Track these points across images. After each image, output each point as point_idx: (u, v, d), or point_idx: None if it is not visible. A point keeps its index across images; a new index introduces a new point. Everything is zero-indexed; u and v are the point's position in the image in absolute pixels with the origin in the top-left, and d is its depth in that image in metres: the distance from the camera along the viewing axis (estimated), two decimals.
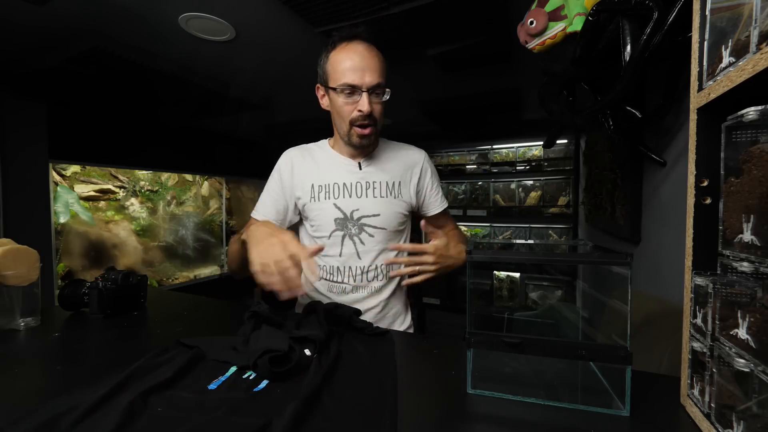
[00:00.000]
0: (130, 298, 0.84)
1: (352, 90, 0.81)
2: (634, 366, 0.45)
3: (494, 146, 3.37)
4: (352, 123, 0.84)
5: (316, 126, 1.02)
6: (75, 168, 2.42)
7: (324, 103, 0.90)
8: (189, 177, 3.19)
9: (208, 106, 2.49)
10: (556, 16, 0.95)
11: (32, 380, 0.54)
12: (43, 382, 0.54)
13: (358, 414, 0.44)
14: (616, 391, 0.47)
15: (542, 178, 3.18)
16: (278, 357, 0.53)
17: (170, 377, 0.50)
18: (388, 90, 0.84)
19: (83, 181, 2.47)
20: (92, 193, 2.52)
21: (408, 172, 0.96)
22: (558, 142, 2.99)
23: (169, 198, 3.03)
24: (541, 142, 3.04)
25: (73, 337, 0.71)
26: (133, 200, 2.78)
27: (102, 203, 2.59)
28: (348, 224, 0.90)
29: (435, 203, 1.01)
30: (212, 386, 0.50)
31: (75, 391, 0.47)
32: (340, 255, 0.90)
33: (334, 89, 0.82)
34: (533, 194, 3.23)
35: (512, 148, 3.30)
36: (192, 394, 0.47)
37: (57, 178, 2.31)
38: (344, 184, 0.91)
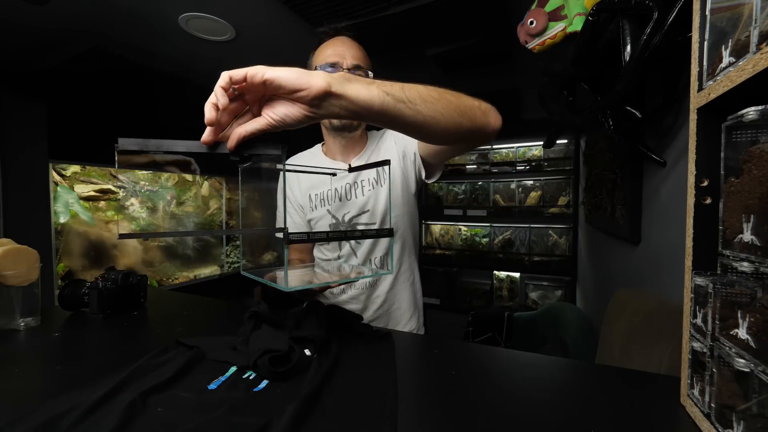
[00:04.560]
0: (130, 298, 0.84)
1: (332, 67, 0.80)
2: (634, 366, 0.45)
3: (494, 146, 3.36)
4: None
5: (316, 126, 1.02)
6: (75, 168, 2.41)
7: None
8: (189, 177, 3.18)
9: None
10: (556, 16, 0.95)
11: (32, 380, 0.54)
12: (43, 382, 0.53)
13: (358, 414, 0.44)
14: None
15: (542, 178, 3.17)
16: (278, 357, 0.53)
17: (170, 377, 0.50)
18: (371, 74, 0.83)
19: (83, 181, 2.47)
20: (92, 193, 2.52)
21: (394, 147, 0.92)
22: (558, 142, 2.99)
23: (169, 198, 3.03)
24: (541, 142, 3.04)
25: (73, 337, 0.71)
26: (133, 200, 2.77)
27: (102, 203, 2.58)
28: (341, 228, 0.90)
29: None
30: (212, 386, 0.50)
31: (75, 391, 0.47)
32: (338, 258, 0.91)
33: None
34: (533, 194, 3.22)
35: (512, 148, 3.30)
36: (192, 394, 0.47)
37: (57, 178, 2.31)
38: (336, 189, 0.91)
